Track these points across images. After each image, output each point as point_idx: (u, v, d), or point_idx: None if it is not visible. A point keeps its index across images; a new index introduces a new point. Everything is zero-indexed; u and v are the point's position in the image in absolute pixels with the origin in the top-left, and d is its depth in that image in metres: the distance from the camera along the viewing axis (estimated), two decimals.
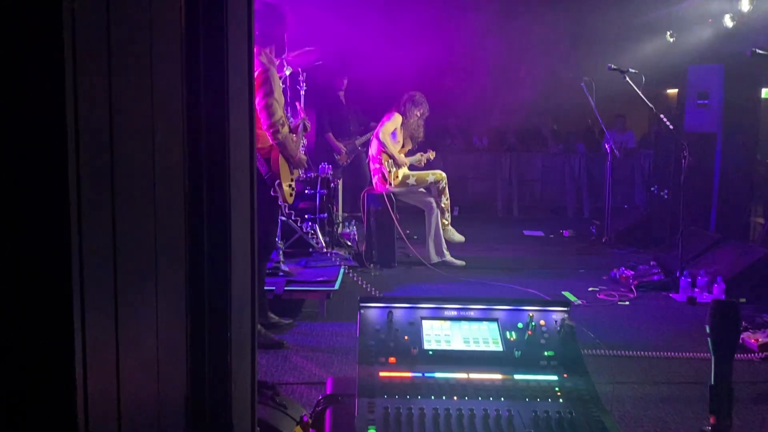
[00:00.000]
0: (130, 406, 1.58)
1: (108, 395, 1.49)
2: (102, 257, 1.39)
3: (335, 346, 4.48)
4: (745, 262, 5.79)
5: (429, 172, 7.05)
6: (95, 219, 1.34)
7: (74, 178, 1.25)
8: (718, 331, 1.84)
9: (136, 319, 1.60)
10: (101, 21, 1.36)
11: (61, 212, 1.22)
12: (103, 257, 1.40)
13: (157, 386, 1.75)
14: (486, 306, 2.35)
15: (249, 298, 2.29)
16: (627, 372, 4.09)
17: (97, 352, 1.40)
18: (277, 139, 4.25)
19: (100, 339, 1.41)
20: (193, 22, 1.84)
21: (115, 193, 1.43)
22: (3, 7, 1.15)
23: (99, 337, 1.40)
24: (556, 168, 11.00)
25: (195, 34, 1.85)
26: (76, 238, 1.23)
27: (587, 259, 7.43)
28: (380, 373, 2.14)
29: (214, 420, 1.96)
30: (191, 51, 1.84)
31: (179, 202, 1.78)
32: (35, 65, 1.18)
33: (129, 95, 1.51)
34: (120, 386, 1.52)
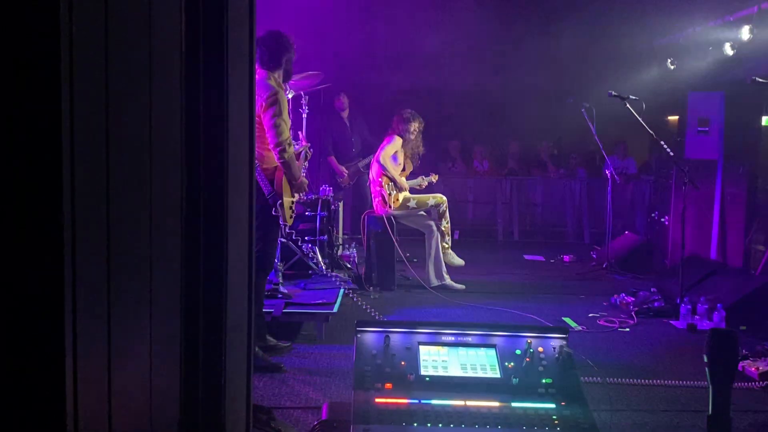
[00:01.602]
0: (122, 429, 1.56)
1: (99, 417, 1.47)
2: (96, 279, 1.38)
3: (333, 369, 4.45)
4: (745, 289, 5.77)
5: (430, 195, 7.05)
6: (90, 238, 1.33)
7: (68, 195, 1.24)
8: (716, 361, 1.83)
9: (129, 338, 1.59)
10: (99, 44, 1.36)
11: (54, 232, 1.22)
12: (97, 279, 1.39)
13: (149, 409, 1.73)
14: (484, 332, 2.34)
15: (245, 319, 2.27)
16: (626, 399, 4.05)
17: (89, 373, 1.38)
18: (283, 158, 4.37)
19: (92, 360, 1.39)
20: (193, 46, 1.85)
21: (111, 212, 1.42)
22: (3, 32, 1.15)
23: (91, 357, 1.38)
24: (557, 193, 11.01)
25: (195, 57, 1.85)
26: (69, 258, 1.22)
27: (587, 285, 7.40)
28: (376, 399, 2.12)
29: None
30: (190, 72, 1.85)
31: (176, 222, 1.77)
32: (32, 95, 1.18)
33: (127, 115, 1.51)
34: (111, 408, 1.51)
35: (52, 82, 1.17)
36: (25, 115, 1.16)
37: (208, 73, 1.88)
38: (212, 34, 1.86)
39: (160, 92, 1.67)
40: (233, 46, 1.95)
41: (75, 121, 1.25)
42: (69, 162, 1.26)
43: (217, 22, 1.85)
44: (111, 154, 1.44)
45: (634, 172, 10.88)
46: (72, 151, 1.28)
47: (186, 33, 1.82)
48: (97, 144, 1.39)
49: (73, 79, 1.23)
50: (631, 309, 6.07)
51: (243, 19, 2.08)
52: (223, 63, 1.89)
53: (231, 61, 1.91)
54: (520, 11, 9.02)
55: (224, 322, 1.99)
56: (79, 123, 1.26)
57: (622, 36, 9.53)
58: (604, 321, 5.83)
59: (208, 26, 1.83)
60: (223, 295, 1.97)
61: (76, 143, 1.28)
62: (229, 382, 2.05)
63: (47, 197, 1.22)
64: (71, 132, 1.27)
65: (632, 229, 10.10)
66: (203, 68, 1.87)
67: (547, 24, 9.41)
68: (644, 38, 9.95)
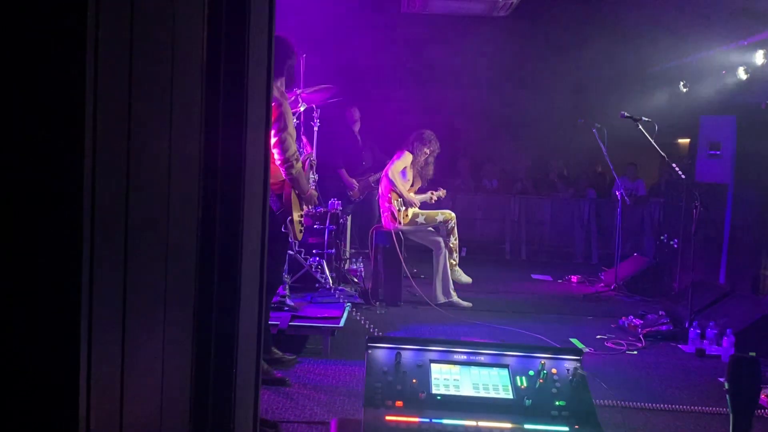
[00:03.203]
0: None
1: (111, 425, 1.45)
2: (112, 289, 1.37)
3: (338, 384, 4.41)
4: (755, 315, 5.71)
5: (438, 211, 7.03)
6: (107, 247, 1.32)
7: (89, 202, 1.23)
8: (738, 387, 1.79)
9: (142, 348, 1.57)
10: (124, 53, 1.36)
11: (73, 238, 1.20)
12: (113, 289, 1.37)
13: (160, 419, 1.71)
14: (497, 351, 2.31)
15: (256, 334, 2.25)
16: (636, 424, 4.00)
17: (102, 383, 1.36)
18: (291, 174, 4.25)
19: (106, 369, 1.37)
20: (214, 57, 1.84)
21: (129, 220, 1.41)
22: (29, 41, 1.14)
23: (104, 366, 1.36)
24: (566, 212, 10.98)
25: (216, 68, 1.85)
26: (87, 266, 1.21)
27: (595, 306, 7.35)
28: (386, 417, 2.09)
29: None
30: (211, 85, 1.84)
31: (191, 236, 1.76)
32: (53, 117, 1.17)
33: (148, 131, 1.50)
34: (123, 418, 1.49)
35: (78, 85, 1.17)
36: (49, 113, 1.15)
37: (227, 83, 1.88)
38: (234, 46, 1.86)
39: (181, 101, 1.66)
40: (253, 58, 1.94)
41: (97, 133, 1.24)
42: (90, 169, 1.24)
43: (239, 33, 1.85)
44: (131, 163, 1.42)
45: (643, 194, 10.85)
46: (93, 160, 1.26)
47: (208, 45, 1.81)
48: (118, 153, 1.38)
49: (97, 86, 1.22)
50: (639, 332, 6.02)
51: (263, 29, 2.08)
52: (244, 75, 1.88)
53: (251, 71, 1.90)
54: (536, 33, 9.04)
55: (236, 335, 1.97)
56: (101, 133, 1.25)
57: (635, 58, 9.54)
58: (611, 343, 5.78)
59: (230, 37, 1.82)
60: (236, 308, 1.95)
61: (97, 151, 1.27)
62: (237, 394, 2.03)
63: (67, 204, 1.21)
64: (93, 142, 1.26)
65: (641, 251, 10.06)
66: (223, 80, 1.86)
67: (561, 45, 9.42)
68: (657, 61, 9.96)
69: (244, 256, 1.92)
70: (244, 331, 2.04)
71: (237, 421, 2.05)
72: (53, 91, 1.18)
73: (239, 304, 1.89)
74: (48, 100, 1.16)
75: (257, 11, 1.98)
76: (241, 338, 2.01)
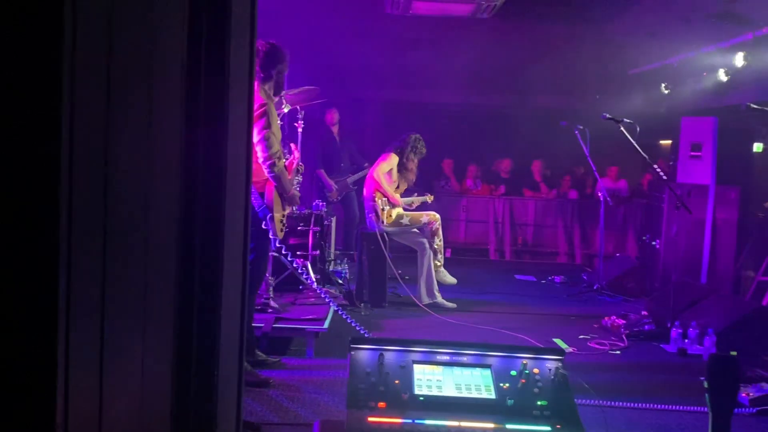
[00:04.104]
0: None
1: (89, 430, 1.43)
2: (90, 291, 1.36)
3: (322, 386, 4.40)
4: (736, 315, 5.76)
5: (423, 212, 7.05)
6: (85, 249, 1.30)
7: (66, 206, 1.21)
8: (717, 387, 1.81)
9: (121, 350, 1.55)
10: (102, 53, 1.35)
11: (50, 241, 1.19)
12: (91, 291, 1.36)
13: (139, 422, 1.70)
14: (479, 352, 2.31)
15: (238, 335, 2.24)
16: (618, 423, 4.03)
17: (80, 386, 1.35)
18: (273, 172, 4.31)
19: (84, 372, 1.36)
20: (194, 56, 1.83)
21: (107, 224, 1.39)
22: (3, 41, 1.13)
23: (82, 370, 1.35)
24: (549, 214, 11.03)
25: (196, 67, 1.84)
26: (64, 271, 1.19)
27: (578, 306, 7.39)
28: (369, 419, 2.09)
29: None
30: (191, 84, 1.83)
31: (171, 237, 1.74)
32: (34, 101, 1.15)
33: (126, 132, 1.49)
34: (102, 422, 1.47)
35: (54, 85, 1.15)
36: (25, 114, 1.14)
37: (209, 86, 1.87)
38: (214, 45, 1.85)
39: (161, 101, 1.65)
40: (234, 57, 1.93)
41: (74, 135, 1.23)
42: (67, 171, 1.23)
43: (219, 32, 1.84)
44: (110, 164, 1.41)
45: (626, 194, 10.93)
46: (70, 163, 1.25)
47: (188, 43, 1.80)
48: (96, 154, 1.37)
49: (74, 86, 1.21)
50: (622, 332, 6.06)
51: (244, 28, 2.07)
52: (225, 74, 1.87)
53: (232, 70, 1.89)
54: (519, 35, 9.07)
55: (217, 337, 1.96)
56: (78, 134, 1.24)
57: (617, 60, 9.60)
58: (594, 343, 5.81)
59: (210, 36, 1.81)
60: (217, 310, 1.94)
61: (75, 153, 1.26)
62: (220, 397, 2.02)
63: (43, 206, 1.20)
64: (70, 143, 1.24)
65: (623, 251, 10.13)
66: (204, 79, 1.85)
67: (543, 48, 9.47)
68: (639, 63, 10.03)
69: (226, 256, 1.91)
70: (226, 332, 2.03)
71: (219, 423, 2.04)
72: (29, 91, 1.17)
73: (221, 305, 1.88)
74: (23, 100, 1.15)
75: (238, 10, 1.97)
76: (222, 339, 2.00)
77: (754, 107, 5.15)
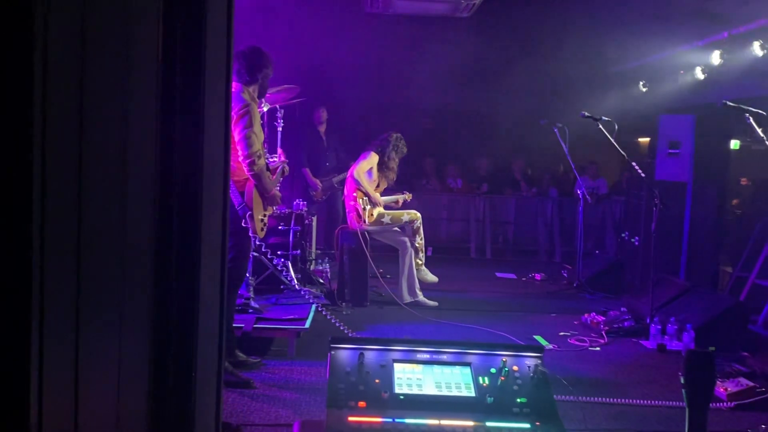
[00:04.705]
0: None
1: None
2: (64, 293, 1.34)
3: (304, 386, 4.39)
4: (714, 311, 5.82)
5: (404, 211, 7.06)
6: (58, 251, 1.29)
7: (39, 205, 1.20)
8: (694, 382, 1.83)
9: (96, 353, 1.54)
10: (75, 52, 1.33)
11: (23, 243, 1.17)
12: (65, 293, 1.34)
13: (116, 424, 1.68)
14: (459, 350, 2.32)
15: (217, 335, 2.22)
16: (599, 419, 4.05)
17: (55, 388, 1.33)
18: (253, 170, 4.30)
19: (58, 374, 1.34)
20: (170, 54, 1.81)
21: (82, 225, 1.38)
22: None
23: (57, 372, 1.33)
24: (529, 211, 11.09)
25: (172, 65, 1.82)
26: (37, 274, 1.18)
27: (558, 303, 7.43)
28: (349, 418, 2.09)
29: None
30: (167, 83, 1.81)
31: (148, 238, 1.73)
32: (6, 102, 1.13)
33: (100, 132, 1.47)
34: (77, 424, 1.46)
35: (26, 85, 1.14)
36: None
37: (185, 84, 1.85)
38: (190, 42, 1.83)
39: (136, 100, 1.63)
40: (211, 54, 1.92)
41: (47, 136, 1.21)
42: (40, 173, 1.21)
43: (195, 29, 1.82)
44: (84, 165, 1.39)
45: (605, 192, 11.01)
46: (43, 165, 1.23)
47: (163, 41, 1.78)
48: (70, 155, 1.35)
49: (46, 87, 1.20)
50: (602, 328, 6.10)
51: (221, 25, 2.06)
52: (201, 71, 1.85)
53: (209, 68, 1.88)
54: (497, 34, 9.12)
55: (195, 337, 1.95)
56: (51, 135, 1.22)
57: (596, 59, 9.67)
58: (575, 340, 5.85)
59: (186, 33, 1.79)
60: (195, 309, 1.92)
61: (47, 155, 1.24)
62: (198, 398, 2.01)
63: (16, 209, 1.18)
64: (43, 145, 1.23)
65: (603, 248, 10.21)
66: (180, 80, 1.83)
67: (522, 46, 9.51)
68: (617, 61, 10.11)
69: (204, 256, 1.89)
70: (204, 333, 2.01)
71: (198, 425, 2.03)
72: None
73: (198, 305, 1.86)
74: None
75: (215, 6, 1.96)
76: (201, 340, 1.98)
77: (731, 105, 5.20)
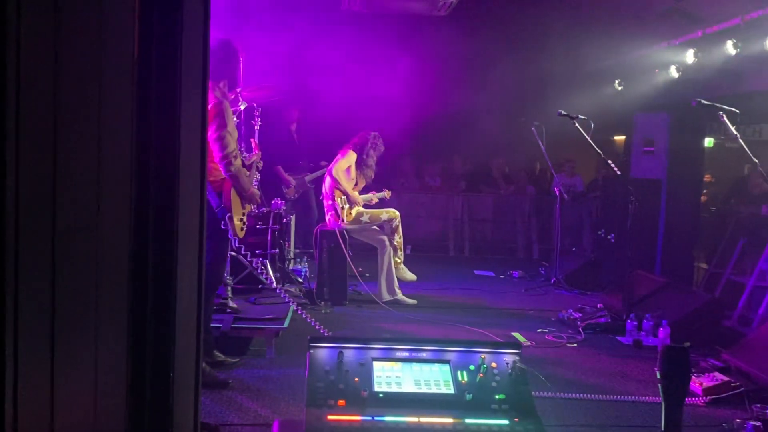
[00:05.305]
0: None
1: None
2: (39, 295, 1.32)
3: (283, 386, 4.38)
4: (689, 306, 5.90)
5: (383, 210, 7.06)
6: (33, 253, 1.27)
7: (12, 207, 1.18)
8: (670, 377, 1.85)
9: (73, 354, 1.52)
10: (48, 51, 1.31)
11: None
12: (40, 295, 1.33)
13: (93, 424, 1.66)
14: (438, 347, 2.32)
15: (194, 333, 2.21)
16: (575, 415, 4.09)
17: (31, 388, 1.32)
18: (230, 171, 4.23)
19: (34, 374, 1.33)
20: (146, 54, 1.80)
21: (56, 227, 1.36)
22: None
23: (33, 372, 1.32)
24: (507, 209, 11.15)
25: (147, 65, 1.80)
26: (11, 276, 1.16)
27: (536, 300, 7.49)
28: (328, 417, 2.08)
29: None
30: (142, 84, 1.79)
31: (123, 239, 1.71)
32: None
33: (75, 133, 1.45)
34: (54, 423, 1.44)
35: None
36: None
37: (160, 81, 1.83)
38: (166, 41, 1.82)
39: (111, 101, 1.62)
40: (187, 53, 1.90)
41: (20, 136, 1.20)
42: (14, 175, 1.20)
43: (171, 28, 1.81)
44: (58, 167, 1.38)
45: (581, 190, 11.09)
46: (17, 166, 1.22)
47: (139, 41, 1.77)
48: (44, 157, 1.33)
49: (20, 88, 1.18)
50: (579, 325, 6.16)
51: (197, 23, 2.04)
52: (177, 71, 1.84)
53: (185, 68, 1.86)
54: (475, 32, 9.15)
55: (173, 337, 1.93)
56: (24, 135, 1.21)
57: (572, 58, 9.74)
58: (552, 336, 5.89)
59: (162, 32, 1.78)
60: (172, 310, 1.91)
61: (21, 156, 1.23)
62: (176, 399, 1.99)
63: None
64: (16, 145, 1.21)
65: (579, 245, 10.29)
66: (155, 78, 1.82)
67: (500, 45, 9.56)
68: (593, 60, 10.19)
69: (180, 257, 1.88)
70: (182, 334, 2.00)
71: (176, 424, 2.01)
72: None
73: (176, 306, 1.85)
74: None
75: (191, 6, 1.94)
76: (178, 341, 1.97)
77: (705, 103, 5.27)
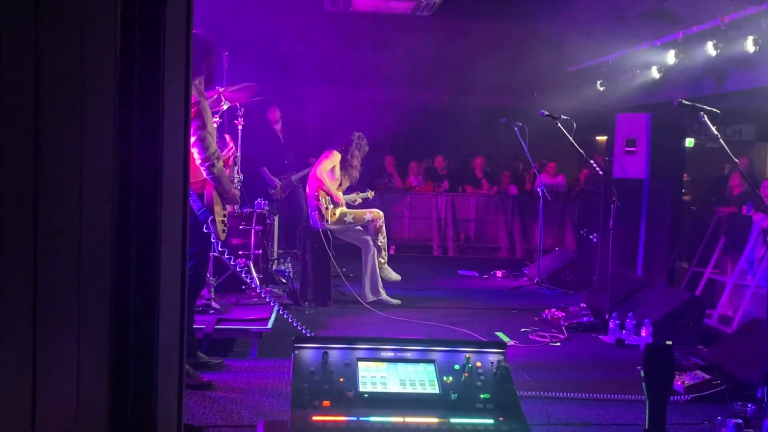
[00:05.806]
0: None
1: None
2: (21, 297, 1.31)
3: (267, 387, 4.36)
4: (670, 305, 5.94)
5: (366, 210, 7.05)
6: (15, 255, 1.26)
7: None
8: (653, 375, 1.86)
9: (54, 355, 1.50)
10: (29, 54, 1.30)
11: None
12: (22, 297, 1.31)
13: (75, 426, 1.65)
14: (423, 347, 2.32)
15: (177, 336, 2.20)
16: (559, 414, 4.10)
17: (11, 389, 1.30)
18: (212, 173, 4.19)
19: (15, 376, 1.31)
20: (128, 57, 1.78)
21: (38, 231, 1.35)
22: None
23: (13, 373, 1.30)
24: (490, 209, 11.20)
25: (130, 69, 1.78)
26: None
27: (519, 300, 7.52)
28: (313, 418, 2.08)
29: None
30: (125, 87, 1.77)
31: (106, 243, 1.69)
32: None
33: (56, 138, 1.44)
34: (35, 425, 1.42)
35: None
36: None
37: (142, 84, 1.82)
38: (149, 44, 1.80)
39: (93, 105, 1.60)
40: (170, 56, 1.89)
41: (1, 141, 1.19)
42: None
43: (154, 30, 1.79)
44: (40, 172, 1.36)
45: (563, 190, 11.16)
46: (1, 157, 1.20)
47: (121, 43, 1.75)
48: (25, 162, 1.32)
49: None
50: (562, 324, 6.18)
51: (180, 26, 2.03)
52: (160, 75, 1.83)
53: (168, 71, 1.85)
54: (458, 32, 9.18)
55: (156, 339, 1.92)
56: (5, 139, 1.20)
57: (554, 58, 9.80)
58: (535, 336, 5.92)
59: (144, 35, 1.76)
60: (155, 311, 1.90)
61: (3, 160, 1.21)
62: (159, 400, 1.98)
63: None
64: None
65: (562, 245, 10.34)
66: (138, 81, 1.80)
67: (483, 45, 9.59)
68: (575, 61, 10.26)
69: (163, 260, 1.86)
70: (164, 336, 1.98)
71: (159, 426, 2.00)
72: None
73: (158, 308, 1.83)
74: None
75: (174, 7, 1.93)
76: (161, 342, 1.95)
77: (686, 103, 5.30)
